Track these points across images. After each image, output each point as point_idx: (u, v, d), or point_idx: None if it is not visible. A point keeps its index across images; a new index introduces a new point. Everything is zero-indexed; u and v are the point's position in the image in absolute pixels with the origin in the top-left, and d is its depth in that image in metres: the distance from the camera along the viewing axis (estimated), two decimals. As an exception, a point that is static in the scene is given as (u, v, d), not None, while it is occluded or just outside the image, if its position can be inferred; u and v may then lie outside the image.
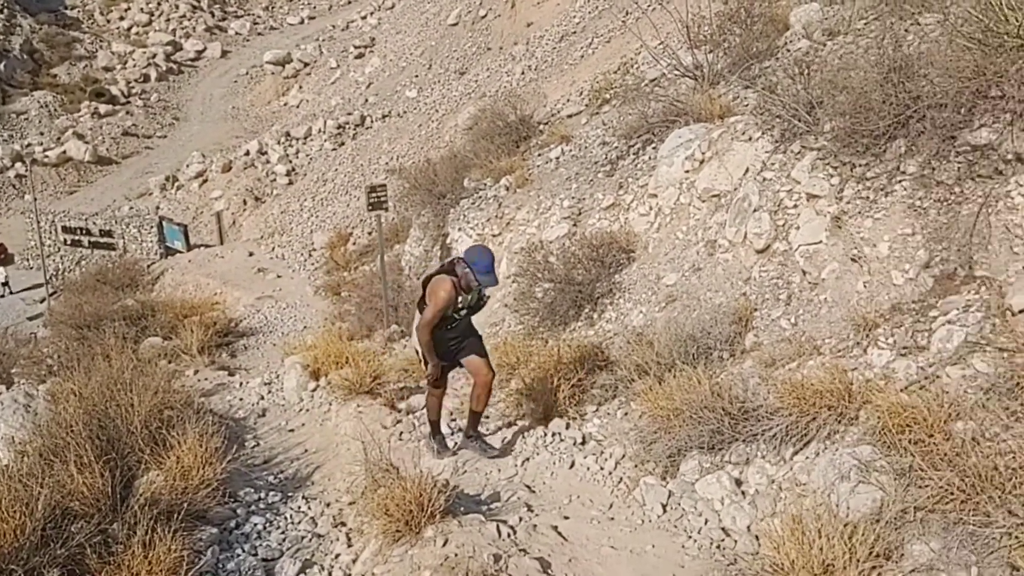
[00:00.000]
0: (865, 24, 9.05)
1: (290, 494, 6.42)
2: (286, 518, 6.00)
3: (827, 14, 10.31)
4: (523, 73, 19.15)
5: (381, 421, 7.70)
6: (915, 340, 5.17)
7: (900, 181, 6.02)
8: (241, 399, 9.52)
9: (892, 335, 5.34)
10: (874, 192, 6.20)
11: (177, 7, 49.77)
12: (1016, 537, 3.51)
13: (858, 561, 3.67)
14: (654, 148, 10.01)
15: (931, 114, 5.83)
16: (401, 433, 7.48)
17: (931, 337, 5.09)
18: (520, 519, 5.10)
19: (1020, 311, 4.82)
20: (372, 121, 24.36)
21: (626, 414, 6.66)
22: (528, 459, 6.38)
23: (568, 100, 15.42)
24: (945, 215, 5.62)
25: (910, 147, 6.03)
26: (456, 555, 4.43)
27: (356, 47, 29.99)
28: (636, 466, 5.97)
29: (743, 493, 5.05)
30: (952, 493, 3.86)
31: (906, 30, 7.70)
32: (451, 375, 6.84)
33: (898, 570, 3.74)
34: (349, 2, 36.71)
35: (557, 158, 12.32)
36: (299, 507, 6.18)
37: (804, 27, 10.38)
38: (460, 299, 6.21)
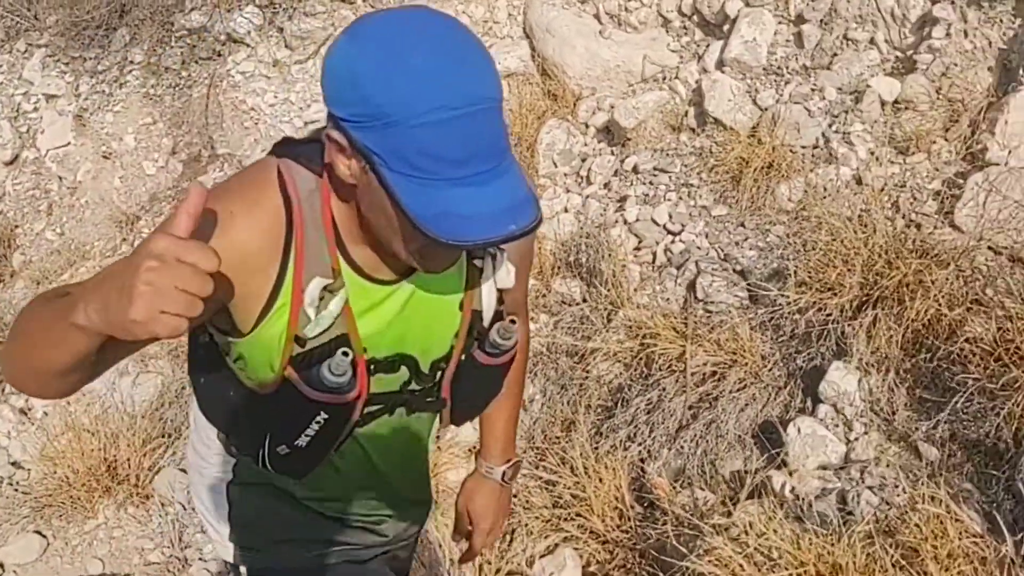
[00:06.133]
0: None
1: None
2: None
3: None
4: None
5: None
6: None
7: (131, 72, 5.98)
8: None
9: (153, 224, 5.42)
10: (109, 85, 6.07)
11: None
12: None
13: (142, 444, 3.76)
14: None
15: (147, 1, 5.85)
16: None
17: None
18: None
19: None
20: None
21: None
22: None
23: None
24: (179, 100, 5.78)
25: (134, 36, 5.99)
26: None
27: None
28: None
29: (30, 421, 4.75)
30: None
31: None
32: None
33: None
34: None
35: None
36: None
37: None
38: (313, 299, 1.15)
